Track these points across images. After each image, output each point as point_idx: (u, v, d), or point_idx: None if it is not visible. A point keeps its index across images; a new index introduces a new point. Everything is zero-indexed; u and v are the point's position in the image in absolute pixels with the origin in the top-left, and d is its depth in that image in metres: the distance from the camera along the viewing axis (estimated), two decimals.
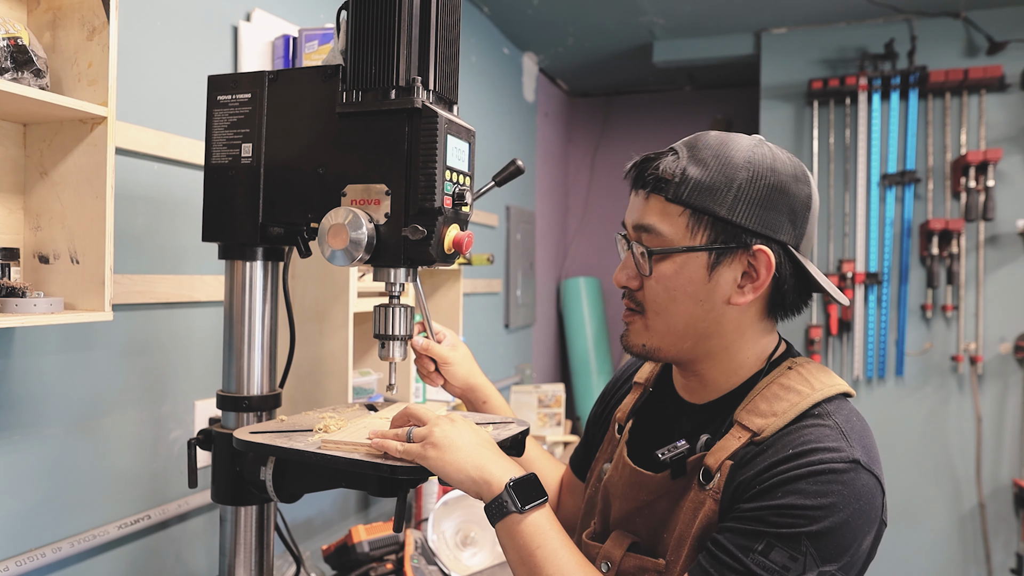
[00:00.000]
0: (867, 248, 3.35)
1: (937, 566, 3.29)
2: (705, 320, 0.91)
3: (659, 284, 0.91)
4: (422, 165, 0.94)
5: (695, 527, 0.87)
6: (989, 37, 3.18)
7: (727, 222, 0.87)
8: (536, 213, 4.08)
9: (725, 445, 0.87)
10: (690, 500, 0.89)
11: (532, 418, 3.35)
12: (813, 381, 0.90)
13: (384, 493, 0.91)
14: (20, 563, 1.22)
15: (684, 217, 0.89)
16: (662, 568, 0.89)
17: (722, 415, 0.93)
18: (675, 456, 0.88)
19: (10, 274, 1.15)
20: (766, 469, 0.82)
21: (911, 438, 3.33)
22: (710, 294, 0.90)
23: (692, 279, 0.89)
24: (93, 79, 1.16)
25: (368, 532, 1.77)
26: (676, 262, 0.90)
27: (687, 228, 0.89)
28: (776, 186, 0.88)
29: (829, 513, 0.78)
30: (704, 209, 0.87)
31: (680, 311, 0.91)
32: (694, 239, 0.89)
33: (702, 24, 3.50)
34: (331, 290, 1.64)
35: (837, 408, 0.87)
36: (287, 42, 1.72)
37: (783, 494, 0.79)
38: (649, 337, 0.94)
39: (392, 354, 1.06)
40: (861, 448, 0.83)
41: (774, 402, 0.88)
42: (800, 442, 0.83)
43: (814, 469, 0.80)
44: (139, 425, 1.48)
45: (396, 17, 0.96)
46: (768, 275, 0.88)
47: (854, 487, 0.79)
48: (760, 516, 0.80)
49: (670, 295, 0.90)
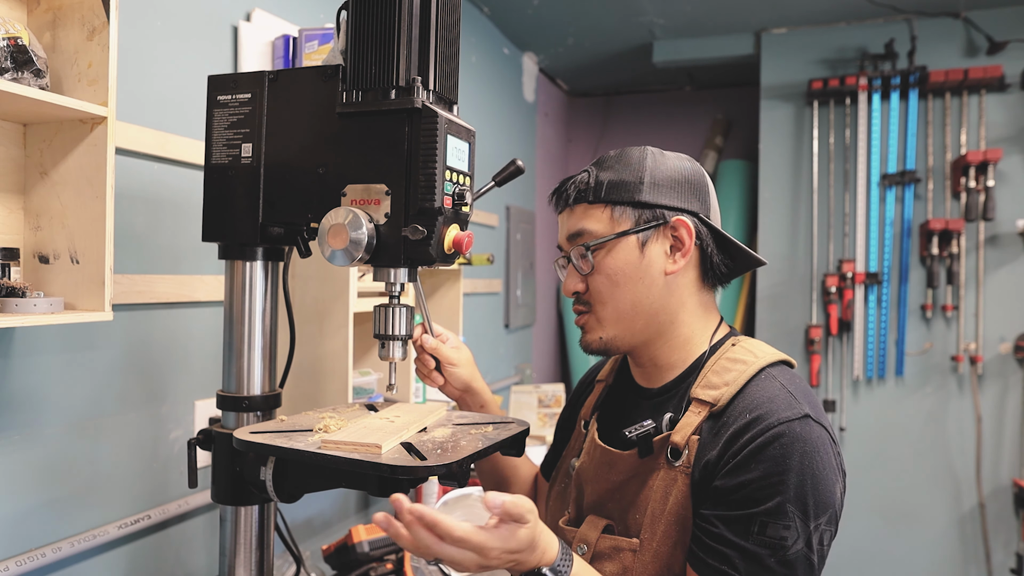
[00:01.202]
0: (867, 248, 3.35)
1: (937, 566, 3.29)
2: (649, 296, 1.00)
3: (601, 275, 1.01)
4: (422, 165, 0.94)
5: (669, 504, 0.93)
6: (989, 37, 3.18)
7: (644, 204, 1.00)
8: (536, 213, 4.08)
9: (688, 422, 0.94)
10: (660, 479, 0.94)
11: (532, 418, 3.34)
12: (756, 351, 0.99)
13: (384, 493, 0.91)
14: (20, 563, 1.22)
15: (607, 212, 1.01)
16: (636, 547, 0.94)
17: (678, 395, 1.01)
18: (641, 433, 0.95)
19: (10, 274, 1.15)
20: (731, 440, 0.89)
21: (911, 438, 3.33)
22: (647, 270, 1.00)
23: (628, 260, 1.00)
24: (93, 79, 1.16)
25: (368, 532, 1.77)
26: (610, 250, 1.00)
27: (612, 220, 1.01)
28: (675, 168, 1.02)
29: (799, 474, 0.85)
30: (622, 200, 1.00)
31: (624, 294, 1.00)
32: (620, 227, 1.00)
33: (702, 24, 3.50)
34: (331, 290, 1.64)
35: (780, 372, 0.97)
36: (287, 42, 1.72)
37: (755, 465, 0.86)
38: (603, 329, 1.03)
39: (392, 354, 1.06)
40: (808, 404, 0.91)
41: (724, 374, 0.96)
42: (754, 404, 0.91)
43: (775, 432, 0.87)
44: (139, 425, 1.48)
45: (396, 17, 0.96)
46: (691, 240, 1.00)
47: (811, 442, 0.87)
48: (744, 496, 0.86)
49: (612, 281, 1.00)
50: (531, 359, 4.06)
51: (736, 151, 4.35)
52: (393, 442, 0.95)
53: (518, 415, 3.35)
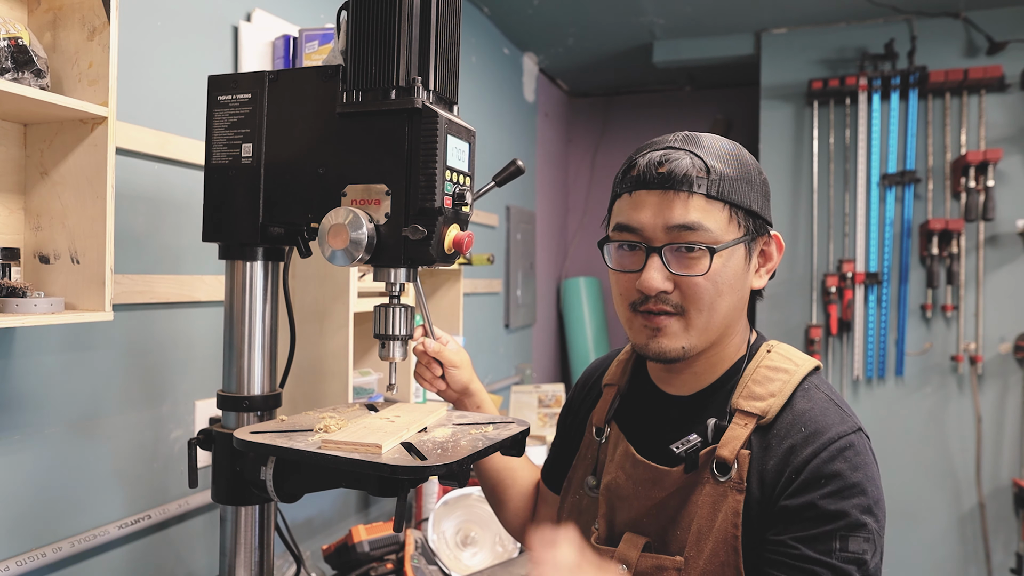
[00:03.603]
0: (867, 248, 3.35)
1: (937, 566, 3.29)
2: (737, 308, 0.96)
3: (708, 280, 0.90)
4: (422, 165, 0.94)
5: (717, 521, 0.88)
6: (989, 37, 3.18)
7: (755, 214, 0.93)
8: (536, 213, 4.08)
9: (735, 435, 0.90)
10: (706, 495, 0.90)
11: (532, 418, 3.34)
12: (794, 358, 0.97)
13: (384, 493, 0.91)
14: (20, 563, 1.22)
15: (726, 212, 0.91)
16: (680, 565, 0.90)
17: (713, 404, 0.96)
18: (689, 449, 0.90)
19: (10, 274, 1.15)
20: (789, 456, 0.87)
21: (911, 438, 3.33)
22: (743, 282, 0.95)
23: (736, 271, 0.93)
24: (93, 79, 1.16)
25: (368, 532, 1.77)
26: (723, 256, 0.91)
27: (728, 223, 0.91)
28: (765, 179, 0.98)
29: (867, 485, 0.85)
30: (739, 203, 0.91)
31: (724, 304, 0.92)
32: (737, 233, 0.92)
33: (702, 24, 3.50)
34: (331, 290, 1.64)
35: (820, 381, 0.96)
36: (287, 42, 1.72)
37: (824, 481, 0.85)
38: (689, 337, 0.92)
39: (392, 354, 1.06)
40: (851, 415, 0.93)
41: (767, 384, 0.93)
42: (807, 419, 0.89)
43: (837, 446, 0.86)
44: (139, 425, 1.49)
45: (396, 17, 0.96)
46: (780, 256, 0.98)
47: (867, 453, 0.89)
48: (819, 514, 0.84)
49: (718, 289, 0.91)
50: (531, 359, 4.06)
51: None
52: (393, 442, 0.95)
53: (518, 415, 3.35)
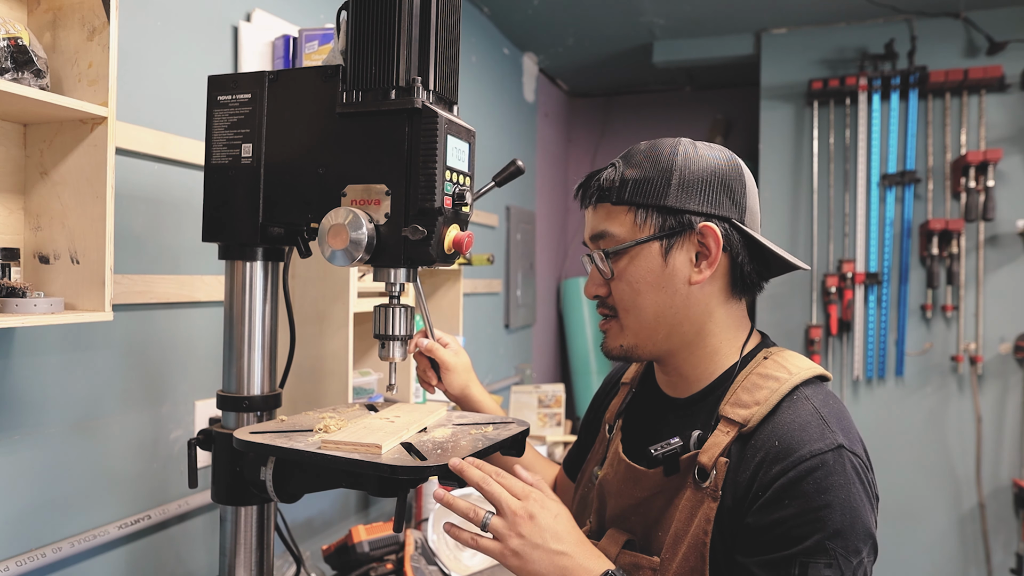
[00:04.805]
0: (867, 248, 3.35)
1: (937, 566, 3.29)
2: (672, 306, 0.95)
3: (622, 282, 0.96)
4: (422, 165, 0.94)
5: (692, 526, 0.88)
6: (989, 37, 3.18)
7: (669, 209, 0.93)
8: (536, 213, 4.08)
9: (716, 442, 0.89)
10: (686, 499, 0.90)
11: (532, 418, 3.34)
12: (789, 366, 0.93)
13: (384, 493, 0.91)
14: (20, 563, 1.22)
15: (630, 215, 0.95)
16: (656, 565, 0.91)
17: (706, 408, 0.95)
18: (668, 452, 0.90)
19: (10, 274, 1.15)
20: (760, 470, 0.84)
21: (911, 438, 3.33)
22: (670, 279, 0.94)
23: (650, 269, 0.94)
24: (93, 79, 1.16)
25: (368, 532, 1.77)
26: (632, 256, 0.95)
27: (635, 224, 0.94)
28: (706, 168, 0.94)
29: (837, 509, 0.80)
30: (645, 203, 0.94)
31: (647, 303, 0.95)
32: (643, 232, 0.94)
33: (702, 24, 3.50)
34: (331, 290, 1.64)
35: (815, 392, 0.91)
36: (287, 42, 1.72)
37: (789, 501, 0.81)
38: (624, 337, 0.98)
39: (392, 354, 1.06)
40: (841, 431, 0.85)
41: (755, 391, 0.90)
42: (784, 432, 0.85)
43: (807, 466, 0.82)
44: (139, 425, 1.48)
45: (396, 17, 0.96)
46: (718, 248, 0.93)
47: (845, 473, 0.82)
48: (780, 535, 0.81)
49: (634, 289, 0.95)
50: (531, 359, 4.06)
51: (736, 151, 4.33)
52: (393, 442, 0.95)
53: (518, 415, 3.35)
